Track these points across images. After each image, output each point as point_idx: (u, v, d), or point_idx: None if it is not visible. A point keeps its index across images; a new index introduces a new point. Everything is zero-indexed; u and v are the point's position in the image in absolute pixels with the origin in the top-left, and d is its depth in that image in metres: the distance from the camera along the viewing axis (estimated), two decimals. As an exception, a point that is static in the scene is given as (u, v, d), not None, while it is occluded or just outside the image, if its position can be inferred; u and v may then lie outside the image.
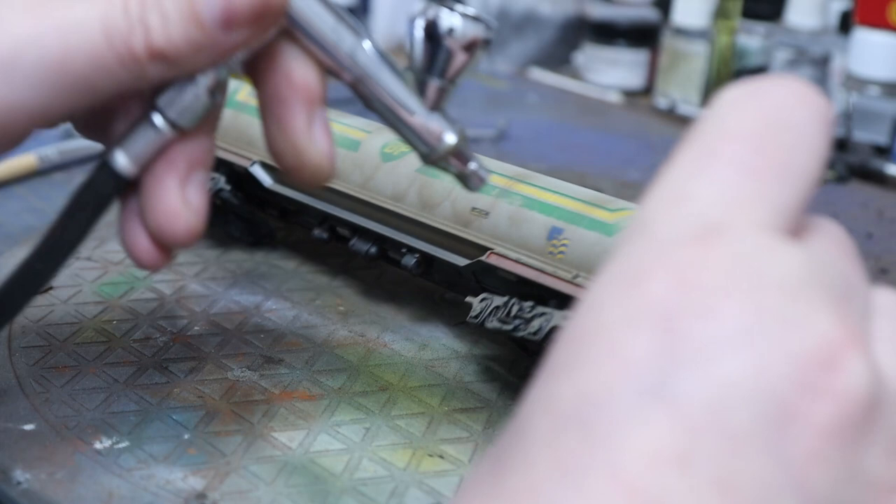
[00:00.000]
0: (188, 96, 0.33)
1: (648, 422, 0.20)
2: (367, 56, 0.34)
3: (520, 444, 0.21)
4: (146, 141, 0.33)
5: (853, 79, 0.86)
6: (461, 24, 0.34)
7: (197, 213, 0.34)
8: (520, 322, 0.43)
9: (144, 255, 0.35)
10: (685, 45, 0.96)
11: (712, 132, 0.23)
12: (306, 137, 0.34)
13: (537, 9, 1.12)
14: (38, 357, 0.46)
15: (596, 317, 0.22)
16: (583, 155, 0.84)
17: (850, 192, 0.78)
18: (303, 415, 0.43)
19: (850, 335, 0.21)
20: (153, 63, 0.31)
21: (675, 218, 0.22)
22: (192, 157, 0.34)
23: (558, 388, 0.21)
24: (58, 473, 0.39)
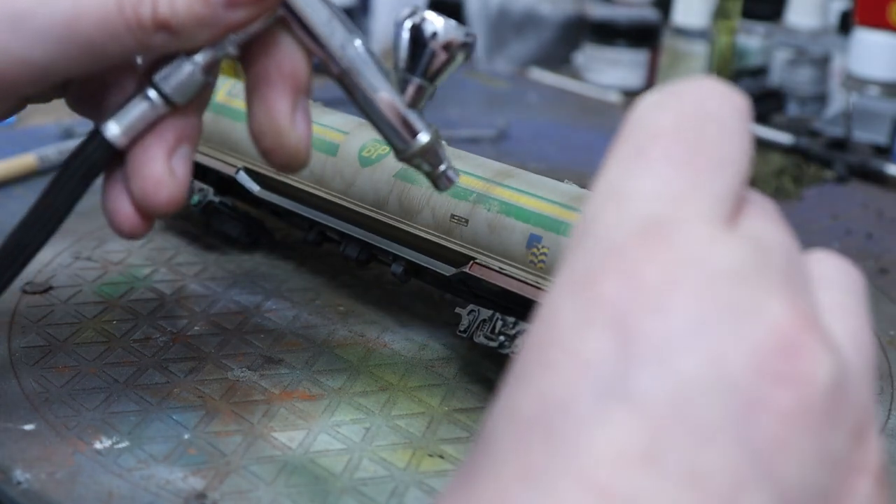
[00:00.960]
0: (184, 73, 0.35)
1: (611, 422, 0.20)
2: (356, 51, 0.36)
3: (487, 453, 0.21)
4: (139, 113, 0.35)
5: (853, 79, 0.86)
6: (443, 28, 0.37)
7: (180, 183, 0.36)
8: (504, 339, 0.43)
9: (126, 221, 0.37)
10: (685, 45, 0.96)
11: (640, 131, 0.24)
12: (288, 121, 0.36)
13: (537, 9, 1.12)
14: (38, 357, 0.46)
15: (550, 322, 0.22)
16: (583, 155, 0.84)
17: (850, 192, 0.78)
18: (303, 415, 0.43)
19: (804, 318, 0.21)
20: (158, 33, 0.33)
21: (617, 217, 0.22)
22: (180, 131, 0.36)
23: (520, 396, 0.21)
24: (58, 473, 0.39)
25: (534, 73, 1.09)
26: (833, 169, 0.81)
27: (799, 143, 0.84)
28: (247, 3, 0.34)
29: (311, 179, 0.51)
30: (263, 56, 0.36)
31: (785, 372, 0.20)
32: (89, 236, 0.59)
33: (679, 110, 0.24)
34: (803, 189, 0.78)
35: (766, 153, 0.83)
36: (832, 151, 0.82)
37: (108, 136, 0.35)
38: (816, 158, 0.82)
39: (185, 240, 0.60)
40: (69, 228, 0.60)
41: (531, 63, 1.11)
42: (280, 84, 0.36)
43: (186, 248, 0.59)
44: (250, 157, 0.54)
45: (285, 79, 0.36)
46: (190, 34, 0.34)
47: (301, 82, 0.36)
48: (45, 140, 0.71)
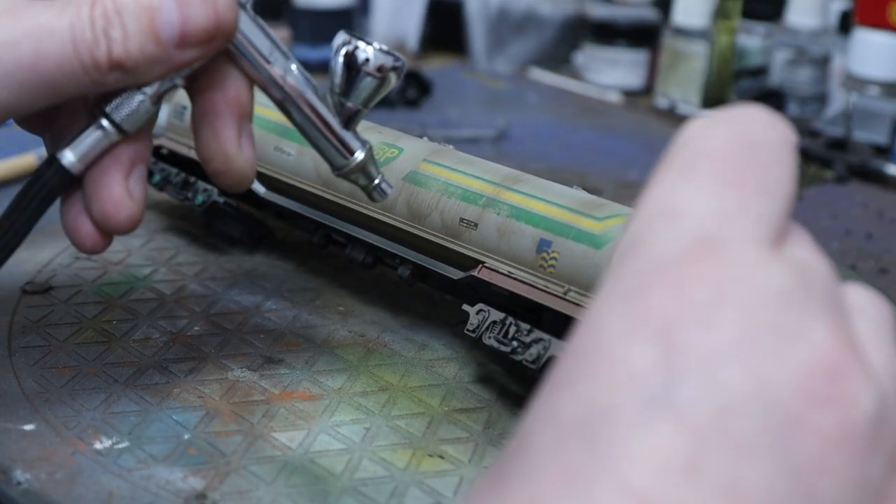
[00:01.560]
0: (134, 104, 0.37)
1: (654, 431, 0.20)
2: (296, 77, 0.39)
3: (523, 457, 0.21)
4: (93, 142, 0.38)
5: (853, 79, 0.86)
6: (374, 55, 0.39)
7: (138, 202, 0.39)
8: (517, 345, 0.43)
9: (87, 239, 0.39)
10: (685, 45, 0.96)
11: (690, 151, 0.24)
12: (235, 147, 0.39)
13: (537, 9, 1.12)
14: (38, 357, 0.46)
15: (597, 331, 0.22)
16: (583, 155, 0.84)
17: (850, 192, 0.78)
18: (303, 415, 0.43)
19: (846, 344, 0.21)
20: (112, 72, 0.35)
21: (669, 233, 0.23)
22: (134, 154, 0.38)
23: (561, 401, 0.21)
24: (58, 473, 0.39)
25: (534, 73, 1.09)
26: (833, 169, 0.81)
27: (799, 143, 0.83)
28: (197, 44, 0.36)
29: (318, 182, 0.51)
30: (209, 87, 0.38)
31: (828, 395, 0.21)
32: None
33: (730, 133, 0.24)
34: (803, 189, 0.78)
35: (766, 153, 0.83)
36: (832, 151, 0.82)
37: (65, 163, 0.37)
38: (816, 158, 0.82)
39: (185, 240, 0.60)
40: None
41: (531, 63, 1.11)
42: (226, 112, 0.38)
43: (186, 248, 0.59)
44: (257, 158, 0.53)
45: (230, 107, 0.38)
46: (142, 72, 0.36)
47: (245, 109, 0.39)
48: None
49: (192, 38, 0.36)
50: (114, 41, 0.35)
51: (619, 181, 0.76)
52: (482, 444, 0.42)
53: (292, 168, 0.52)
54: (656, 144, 0.88)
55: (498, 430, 0.43)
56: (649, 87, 1.03)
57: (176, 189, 0.57)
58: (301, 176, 0.52)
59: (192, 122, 0.39)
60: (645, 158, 0.84)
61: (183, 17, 0.35)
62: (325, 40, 1.04)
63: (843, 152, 0.81)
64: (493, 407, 0.45)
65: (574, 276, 0.42)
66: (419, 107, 0.94)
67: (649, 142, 0.88)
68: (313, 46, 1.03)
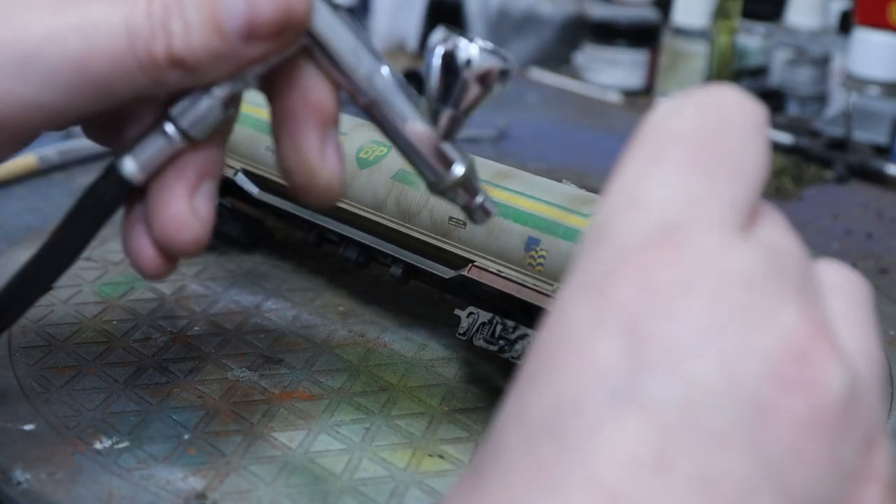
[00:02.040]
0: (202, 107, 0.33)
1: (622, 426, 0.20)
2: (385, 81, 0.34)
3: (495, 455, 0.21)
4: (156, 149, 0.33)
5: (853, 79, 0.86)
6: (478, 56, 0.34)
7: (204, 222, 0.34)
8: (504, 343, 0.43)
9: (148, 264, 0.34)
10: (685, 45, 0.96)
11: (657, 136, 0.23)
12: (319, 157, 0.34)
13: (537, 9, 1.12)
14: (38, 357, 0.46)
15: (563, 325, 0.22)
16: (583, 155, 0.84)
17: (850, 192, 0.78)
18: (303, 415, 0.43)
19: (816, 327, 0.21)
20: (172, 70, 0.31)
21: (633, 221, 0.22)
22: (201, 167, 0.34)
23: (530, 398, 0.21)
24: (57, 473, 0.39)
25: (534, 73, 1.09)
26: (833, 169, 0.80)
27: (799, 143, 0.83)
28: (267, 36, 0.32)
29: None
30: (287, 89, 0.34)
31: (797, 380, 0.20)
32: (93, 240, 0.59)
33: (697, 116, 0.23)
34: (803, 189, 0.78)
35: (766, 153, 0.83)
36: (832, 151, 0.82)
37: (125, 173, 0.33)
38: (816, 158, 0.82)
39: (185, 240, 0.60)
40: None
41: (531, 63, 1.11)
42: (307, 118, 0.34)
43: (186, 248, 0.59)
44: (249, 158, 0.54)
45: (312, 112, 0.34)
46: (206, 70, 0.32)
47: (329, 115, 0.34)
48: (46, 140, 0.71)
49: (260, 29, 0.31)
50: (174, 35, 0.31)
51: (619, 181, 0.76)
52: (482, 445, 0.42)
53: None
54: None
55: (498, 430, 0.43)
56: (649, 87, 1.03)
57: None
58: None
59: (271, 130, 0.35)
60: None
61: (249, 6, 0.31)
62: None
63: (843, 152, 0.81)
64: (494, 407, 0.45)
65: (562, 274, 0.42)
66: (419, 107, 0.94)
67: (649, 142, 0.88)
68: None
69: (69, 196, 0.66)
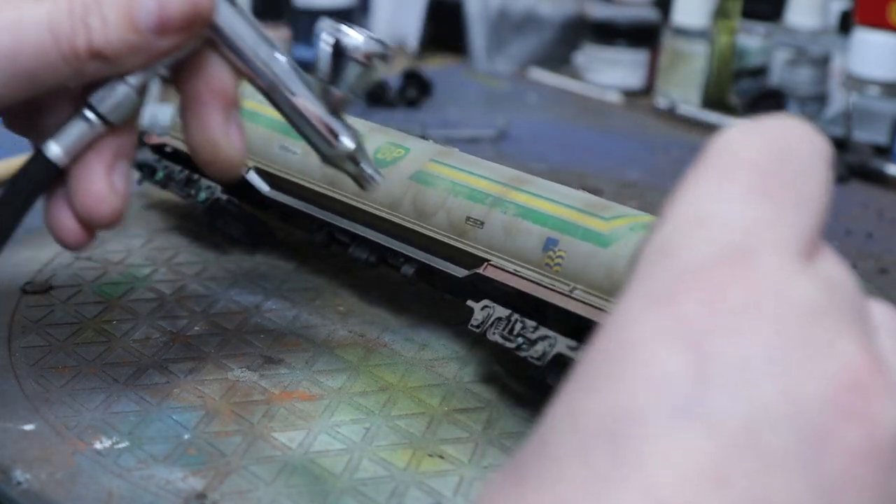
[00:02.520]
0: (119, 95, 0.37)
1: (682, 439, 0.20)
2: (280, 66, 0.39)
3: (545, 457, 0.21)
4: (78, 134, 0.37)
5: (853, 79, 0.86)
6: (361, 42, 0.39)
7: (121, 196, 0.38)
8: (523, 342, 0.43)
9: (70, 235, 0.39)
10: (685, 45, 0.96)
11: (724, 159, 0.24)
12: (223, 135, 0.39)
13: (537, 9, 1.12)
14: (38, 357, 0.46)
15: (625, 335, 0.22)
16: (583, 155, 0.84)
17: (850, 192, 0.78)
18: (303, 415, 0.43)
19: (873, 360, 0.22)
20: (92, 61, 0.35)
21: (700, 239, 0.22)
22: (117, 148, 0.38)
23: (586, 404, 0.21)
24: (57, 474, 0.39)
25: (534, 73, 1.09)
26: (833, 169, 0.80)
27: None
28: (176, 31, 0.36)
29: (324, 181, 0.52)
30: (194, 76, 0.38)
31: (855, 410, 0.21)
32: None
33: (765, 144, 0.24)
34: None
35: (766, 153, 0.83)
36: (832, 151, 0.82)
37: (51, 156, 0.37)
38: (816, 158, 0.82)
39: (185, 240, 0.60)
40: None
41: (531, 63, 1.11)
42: (211, 101, 0.38)
43: (186, 248, 0.59)
44: (261, 157, 0.54)
45: (216, 96, 0.38)
46: (123, 61, 0.36)
47: (231, 98, 0.39)
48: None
49: (171, 24, 0.36)
50: (93, 30, 0.35)
51: (619, 181, 0.76)
52: (482, 445, 0.42)
53: (298, 167, 0.52)
54: (656, 144, 0.88)
55: (498, 430, 0.43)
56: (649, 87, 1.03)
57: (179, 186, 0.57)
58: (307, 175, 0.52)
59: (179, 113, 0.39)
60: (645, 159, 0.84)
61: (160, 4, 0.35)
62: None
63: (843, 152, 0.81)
64: (494, 407, 0.45)
65: (580, 275, 0.42)
66: (419, 107, 0.94)
67: (649, 142, 0.88)
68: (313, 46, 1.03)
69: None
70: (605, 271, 0.41)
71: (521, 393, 0.46)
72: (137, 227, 0.61)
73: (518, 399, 0.46)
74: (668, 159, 0.84)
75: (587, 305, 0.41)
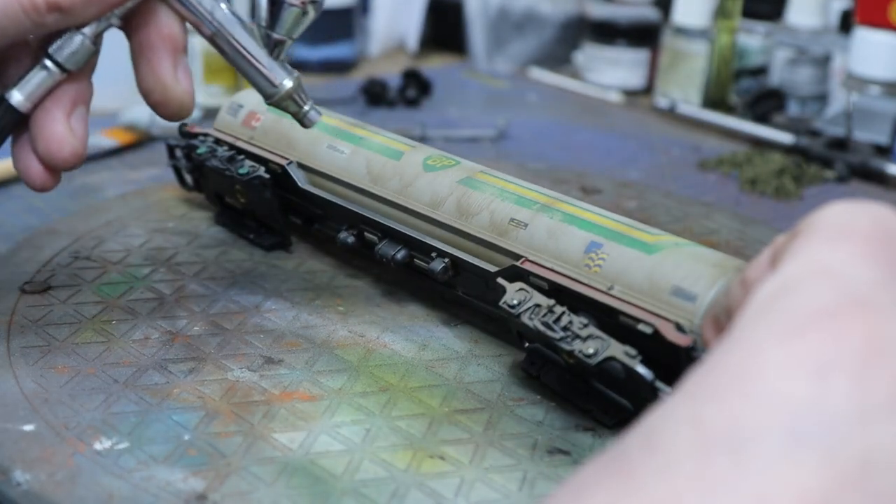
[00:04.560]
0: (75, 43, 0.41)
1: (799, 461, 0.22)
2: (223, 14, 0.43)
3: (660, 453, 0.23)
4: (38, 81, 0.41)
5: (854, 78, 0.86)
6: None
7: (80, 139, 0.42)
8: (567, 335, 0.42)
9: (36, 177, 0.43)
10: (685, 45, 0.96)
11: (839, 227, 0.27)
12: (172, 78, 0.42)
13: (537, 8, 1.12)
14: (38, 357, 0.46)
15: (754, 357, 0.24)
16: (583, 155, 0.84)
17: (851, 191, 0.78)
18: (303, 416, 0.43)
19: None
20: (51, 13, 0.39)
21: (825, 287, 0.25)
22: (76, 94, 0.42)
23: (710, 412, 0.23)
24: (57, 474, 0.38)
25: (534, 73, 1.08)
26: (834, 169, 0.80)
27: (799, 142, 0.83)
28: None
29: (367, 178, 0.53)
30: (144, 24, 0.42)
31: None
32: (88, 236, 0.59)
33: (873, 220, 0.27)
34: (804, 189, 0.77)
35: (766, 153, 0.83)
36: (833, 151, 0.82)
37: (14, 102, 0.41)
38: (817, 158, 0.82)
39: (185, 240, 0.60)
40: (68, 228, 0.60)
41: (531, 63, 1.11)
42: (160, 47, 0.42)
43: (186, 247, 0.59)
44: (307, 154, 0.56)
45: (165, 42, 0.42)
46: (79, 12, 0.40)
47: (178, 44, 0.42)
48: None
49: None
50: None
51: (619, 181, 0.76)
52: (483, 446, 0.42)
53: (343, 165, 0.54)
54: (656, 144, 0.87)
55: (498, 431, 0.43)
56: (649, 86, 1.03)
57: (221, 161, 0.58)
58: (351, 174, 0.54)
59: (131, 61, 0.42)
60: (645, 159, 0.84)
61: None
62: (326, 40, 1.04)
63: (843, 152, 0.81)
64: (494, 408, 0.45)
65: (620, 277, 0.43)
66: (419, 106, 0.94)
67: (649, 142, 0.88)
68: (313, 46, 1.03)
69: (69, 196, 0.66)
70: (646, 274, 0.42)
71: (521, 394, 0.46)
72: (137, 227, 0.61)
73: (518, 400, 0.45)
74: (668, 159, 0.84)
75: (624, 302, 0.42)
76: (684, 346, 0.39)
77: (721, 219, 0.68)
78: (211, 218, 0.63)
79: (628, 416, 0.43)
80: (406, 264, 0.51)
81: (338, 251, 0.58)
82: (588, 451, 0.42)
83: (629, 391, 0.42)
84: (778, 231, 0.66)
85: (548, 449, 0.42)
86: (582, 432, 0.43)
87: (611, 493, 0.23)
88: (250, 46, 0.43)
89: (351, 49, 1.06)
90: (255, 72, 0.43)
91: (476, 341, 0.50)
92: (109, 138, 0.76)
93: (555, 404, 0.45)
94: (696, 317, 0.40)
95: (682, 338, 0.39)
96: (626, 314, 0.41)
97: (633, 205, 0.70)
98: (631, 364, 0.40)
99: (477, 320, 0.52)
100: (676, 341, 0.39)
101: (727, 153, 0.84)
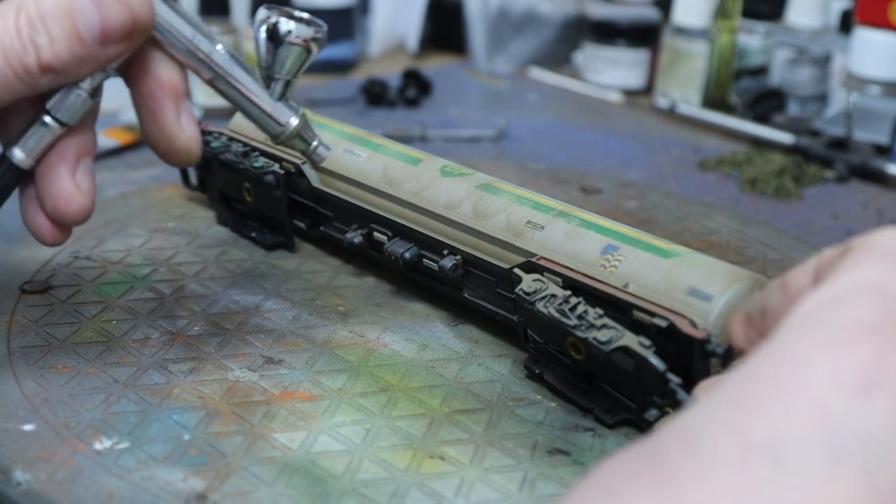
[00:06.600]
0: (72, 98, 0.40)
1: (838, 477, 0.22)
2: (221, 57, 0.41)
3: (700, 458, 0.23)
4: (39, 137, 0.40)
5: (854, 78, 0.86)
6: (296, 27, 0.41)
7: (87, 194, 0.41)
8: (583, 324, 0.42)
9: (46, 234, 0.42)
10: (685, 45, 0.96)
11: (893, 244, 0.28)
12: (176, 126, 0.40)
13: (537, 8, 1.12)
14: (38, 357, 0.46)
15: (798, 365, 0.24)
16: (583, 155, 0.83)
17: (851, 191, 0.78)
18: (303, 416, 0.43)
19: None
20: (44, 75, 0.37)
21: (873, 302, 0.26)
22: (79, 148, 0.41)
23: (749, 420, 0.24)
24: (57, 474, 0.38)
25: (534, 73, 1.08)
26: (834, 168, 0.80)
27: (799, 142, 0.83)
28: (119, 40, 0.38)
29: (383, 181, 0.53)
30: (142, 74, 0.40)
31: None
32: (88, 236, 0.59)
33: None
34: (804, 189, 0.77)
35: (766, 153, 0.83)
36: (833, 151, 0.82)
37: (15, 160, 0.40)
38: (817, 158, 0.82)
39: (185, 240, 0.60)
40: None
41: (531, 63, 1.11)
42: (161, 96, 0.40)
43: (186, 247, 0.59)
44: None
45: (165, 91, 0.40)
46: (73, 72, 0.38)
47: (179, 90, 0.40)
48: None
49: (114, 35, 0.37)
50: (41, 47, 0.37)
51: (619, 181, 0.76)
52: (483, 446, 0.42)
53: (359, 168, 0.55)
54: (656, 144, 0.87)
55: (499, 431, 0.43)
56: (649, 86, 1.03)
57: (235, 155, 0.58)
58: (367, 176, 0.54)
59: (134, 109, 0.41)
60: (645, 159, 0.84)
61: (102, 16, 0.37)
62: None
63: (843, 152, 0.81)
64: (494, 408, 0.45)
65: (635, 277, 0.43)
66: (419, 107, 0.94)
67: (649, 142, 0.88)
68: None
69: None
70: (662, 276, 0.43)
71: (522, 394, 0.46)
72: (137, 227, 0.61)
73: (518, 400, 0.45)
74: (668, 159, 0.84)
75: (639, 298, 0.42)
76: (699, 338, 0.40)
77: (721, 219, 0.68)
78: (211, 218, 0.63)
79: (629, 417, 0.43)
80: (414, 264, 0.52)
81: (338, 251, 0.58)
82: (588, 452, 0.42)
83: (634, 388, 0.42)
84: (778, 231, 0.66)
85: (548, 449, 0.42)
86: (582, 432, 0.43)
87: (649, 496, 0.23)
88: (251, 87, 0.42)
89: (351, 49, 1.06)
90: (258, 112, 0.42)
91: (476, 342, 0.50)
92: (109, 138, 0.76)
93: (555, 405, 0.45)
94: (711, 316, 0.41)
95: (696, 332, 0.40)
96: (641, 308, 0.42)
97: (633, 205, 0.70)
98: (644, 353, 0.40)
99: (477, 321, 0.52)
100: (692, 334, 0.40)
101: (727, 153, 0.84)
